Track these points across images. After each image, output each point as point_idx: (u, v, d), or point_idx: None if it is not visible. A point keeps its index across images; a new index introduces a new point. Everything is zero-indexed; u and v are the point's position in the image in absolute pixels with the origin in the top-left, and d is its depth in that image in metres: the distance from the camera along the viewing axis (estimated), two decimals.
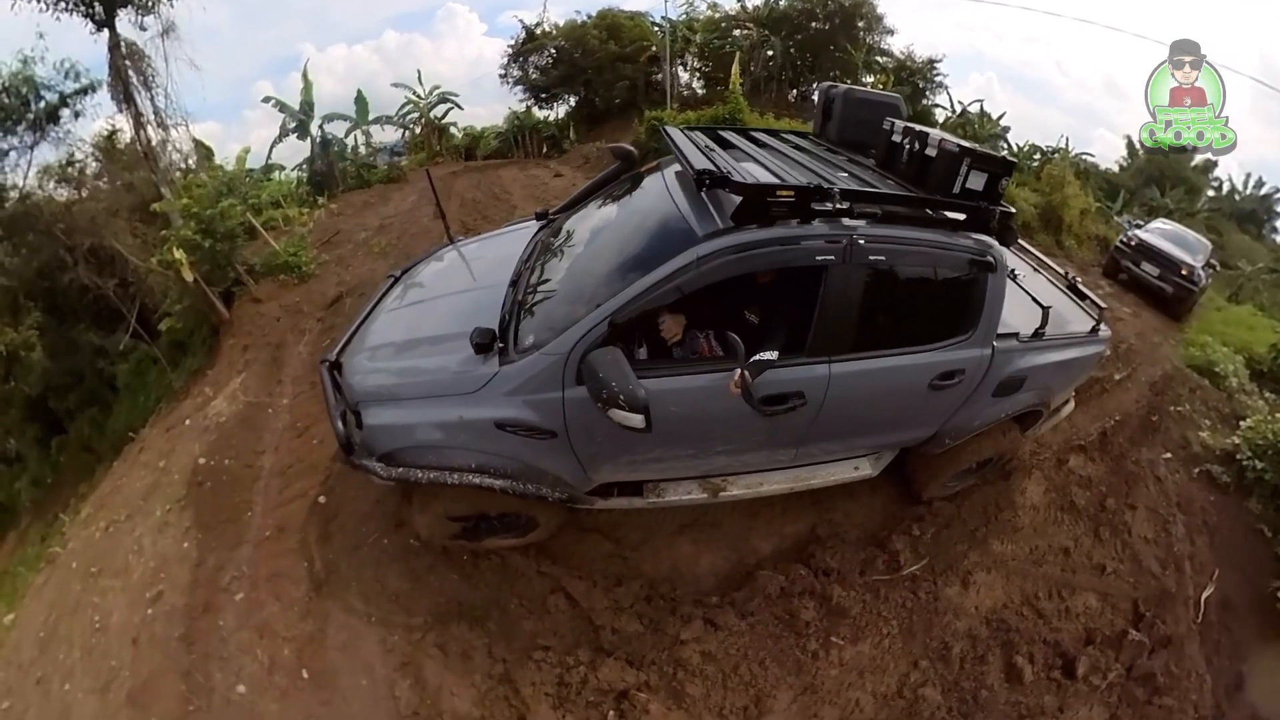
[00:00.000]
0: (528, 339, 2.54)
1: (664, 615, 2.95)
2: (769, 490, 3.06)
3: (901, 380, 2.73)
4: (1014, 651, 3.20)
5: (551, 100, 17.06)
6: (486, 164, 13.04)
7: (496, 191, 9.04)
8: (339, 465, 3.62)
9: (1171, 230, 8.60)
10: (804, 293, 2.49)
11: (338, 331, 5.24)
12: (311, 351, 4.99)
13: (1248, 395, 5.50)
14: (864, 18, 15.69)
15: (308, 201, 9.67)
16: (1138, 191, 18.53)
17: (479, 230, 6.85)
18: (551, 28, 17.43)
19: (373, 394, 2.66)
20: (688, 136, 3.06)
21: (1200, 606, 3.75)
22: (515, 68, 17.32)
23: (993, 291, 2.68)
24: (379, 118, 15.55)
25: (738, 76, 9.48)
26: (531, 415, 2.46)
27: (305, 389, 4.53)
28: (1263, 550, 4.03)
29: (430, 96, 16.33)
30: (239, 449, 4.08)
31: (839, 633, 3.02)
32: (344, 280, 6.15)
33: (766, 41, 15.63)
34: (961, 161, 2.52)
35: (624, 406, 2.08)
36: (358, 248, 7.16)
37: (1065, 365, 3.16)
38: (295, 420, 4.23)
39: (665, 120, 9.44)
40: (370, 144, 14.87)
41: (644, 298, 2.33)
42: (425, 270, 3.68)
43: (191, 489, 3.81)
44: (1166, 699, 3.30)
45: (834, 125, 3.46)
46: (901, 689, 2.97)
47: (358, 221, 8.34)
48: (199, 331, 6.63)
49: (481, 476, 2.51)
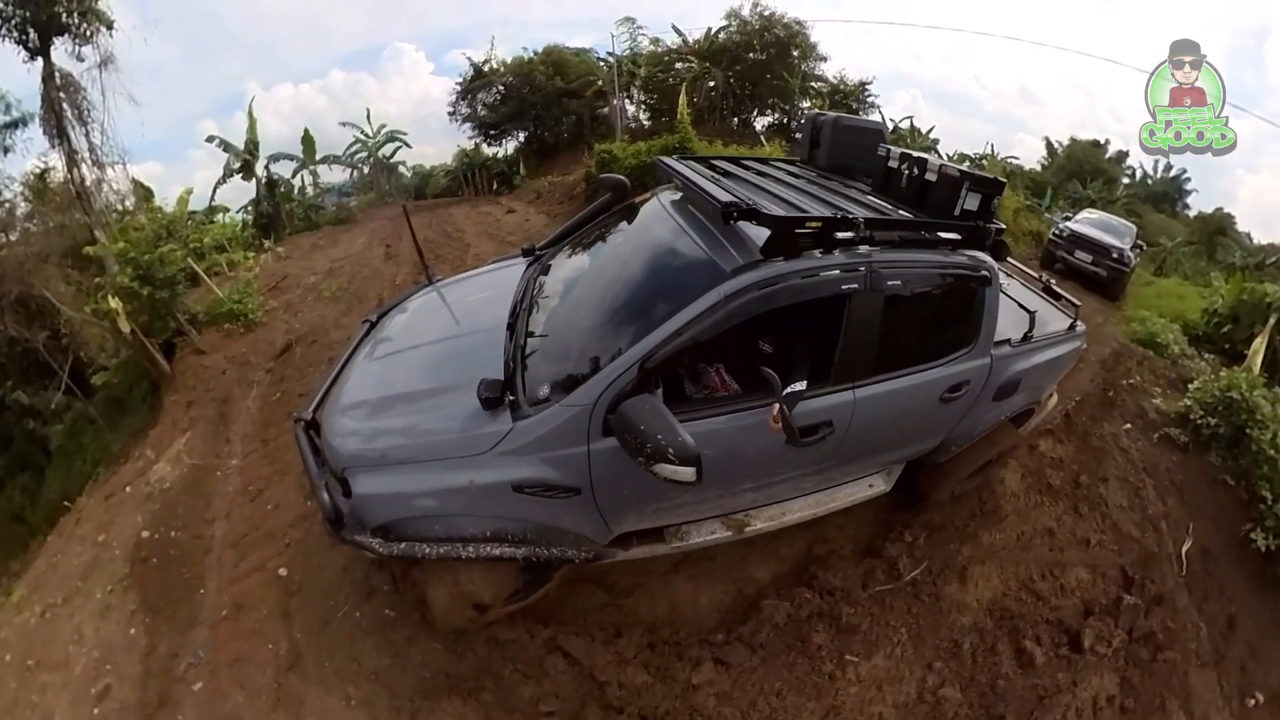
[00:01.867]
0: (541, 389, 2.33)
1: (671, 661, 2.80)
2: (792, 520, 2.98)
3: (917, 398, 2.75)
4: (1021, 637, 3.25)
5: (500, 137, 17.19)
6: (437, 202, 12.96)
7: (449, 230, 8.93)
8: (299, 533, 3.37)
9: (1098, 218, 9.32)
10: (822, 321, 2.46)
11: (289, 384, 5.00)
12: (261, 406, 4.71)
13: (1190, 359, 5.86)
14: (798, 47, 16.47)
15: (254, 245, 9.31)
16: (1061, 186, 20.07)
17: (437, 271, 6.73)
18: (499, 65, 17.65)
19: (361, 458, 2.36)
20: (689, 166, 2.96)
21: (1183, 561, 3.93)
22: (464, 105, 17.45)
23: (989, 304, 2.77)
24: (326, 157, 15.36)
25: (684, 107, 9.72)
26: (553, 473, 2.25)
27: (256, 447, 4.24)
28: (1229, 498, 4.26)
29: (378, 135, 16.27)
30: (186, 518, 3.75)
31: (853, 650, 2.97)
32: (293, 328, 5.88)
33: (708, 73, 16.18)
34: (962, 185, 2.60)
35: (673, 461, 1.92)
36: (307, 293, 6.89)
37: (1052, 363, 3.28)
38: (247, 483, 3.93)
39: (614, 152, 9.58)
40: (318, 185, 14.59)
41: (675, 339, 2.20)
42: (405, 314, 3.40)
43: (135, 566, 3.46)
44: (1169, 653, 3.42)
45: (823, 152, 3.50)
46: (921, 694, 2.95)
47: (306, 265, 8.09)
48: (138, 387, 6.17)
49: (499, 545, 2.28)
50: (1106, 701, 3.17)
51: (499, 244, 7.88)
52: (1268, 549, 3.96)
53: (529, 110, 16.40)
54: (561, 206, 10.29)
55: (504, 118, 16.72)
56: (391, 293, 6.24)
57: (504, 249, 7.43)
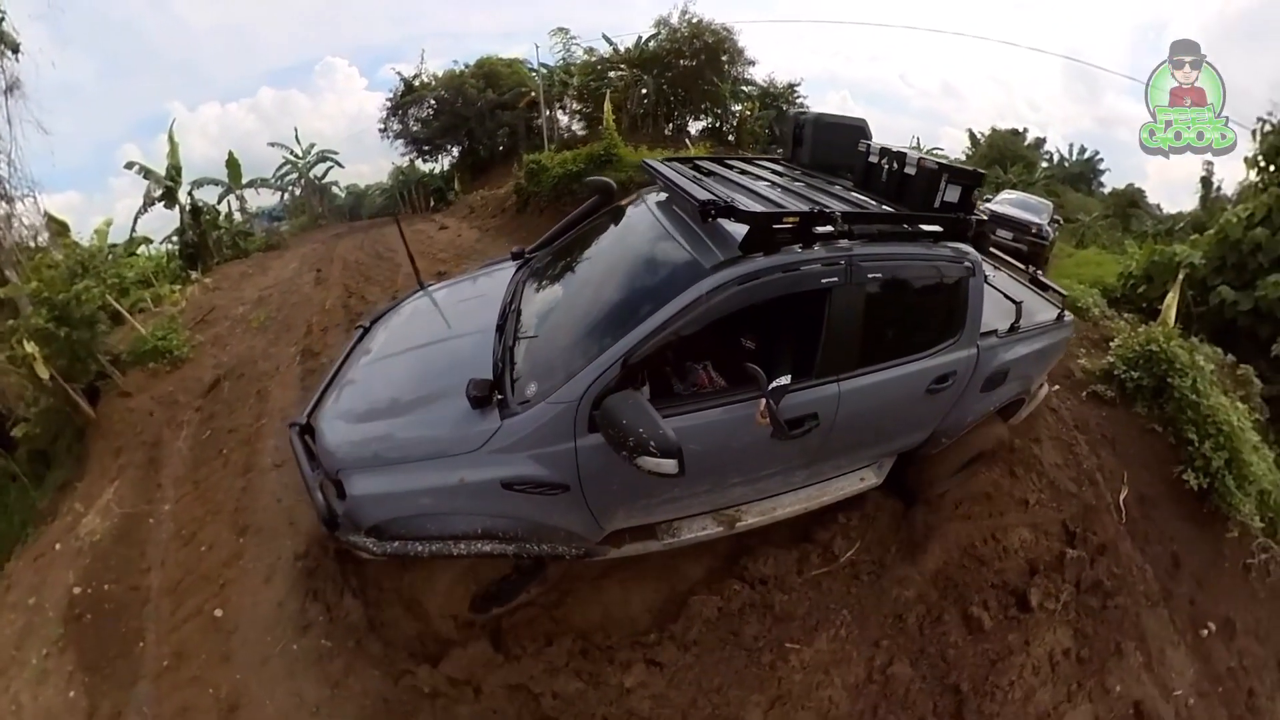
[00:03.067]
0: (528, 388, 2.38)
1: (603, 667, 2.81)
2: (783, 514, 3.02)
3: (903, 389, 2.79)
4: (968, 604, 3.31)
5: (435, 152, 17.03)
6: (372, 223, 12.75)
7: (380, 251, 8.86)
8: (233, 572, 3.40)
9: (1016, 198, 10.19)
10: (804, 315, 2.50)
11: (218, 420, 4.96)
12: (191, 446, 4.64)
13: (1110, 320, 6.19)
14: (726, 52, 16.87)
15: (180, 277, 9.00)
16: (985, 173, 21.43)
17: (362, 295, 6.71)
18: (430, 79, 17.49)
19: (356, 460, 2.41)
20: (672, 167, 3.02)
21: (1121, 509, 4.11)
22: (395, 121, 17.23)
23: (974, 295, 2.82)
24: (253, 181, 14.85)
25: (610, 114, 9.91)
26: (541, 470, 2.30)
27: (188, 490, 4.21)
28: (1159, 444, 4.50)
29: (309, 156, 15.88)
30: (120, 570, 3.69)
31: (792, 637, 3.01)
32: (221, 362, 5.75)
33: (640, 81, 16.44)
34: (940, 177, 2.64)
35: (655, 453, 1.95)
36: (235, 324, 6.72)
37: (1041, 353, 3.34)
38: (180, 527, 3.89)
39: (543, 163, 9.73)
40: (245, 210, 14.12)
41: (656, 335, 2.25)
42: (398, 319, 3.44)
43: (70, 625, 3.39)
44: (1118, 599, 3.58)
45: (805, 150, 3.52)
46: (870, 673, 2.99)
47: (234, 295, 7.86)
48: (63, 437, 5.89)
49: (490, 543, 2.33)
50: (1062, 655, 3.30)
51: (430, 261, 7.87)
52: (1200, 486, 4.23)
53: (462, 124, 16.33)
54: (494, 220, 10.30)
55: (436, 133, 16.63)
56: (321, 319, 6.24)
57: (435, 266, 7.52)
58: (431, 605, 2.79)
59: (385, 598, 2.99)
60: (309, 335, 5.91)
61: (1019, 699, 3.08)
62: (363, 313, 5.85)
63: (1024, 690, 3.11)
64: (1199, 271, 7.27)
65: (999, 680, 3.08)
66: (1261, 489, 4.44)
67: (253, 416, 4.78)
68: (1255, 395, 5.48)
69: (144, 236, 12.51)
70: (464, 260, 7.78)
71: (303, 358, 5.47)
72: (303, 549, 3.37)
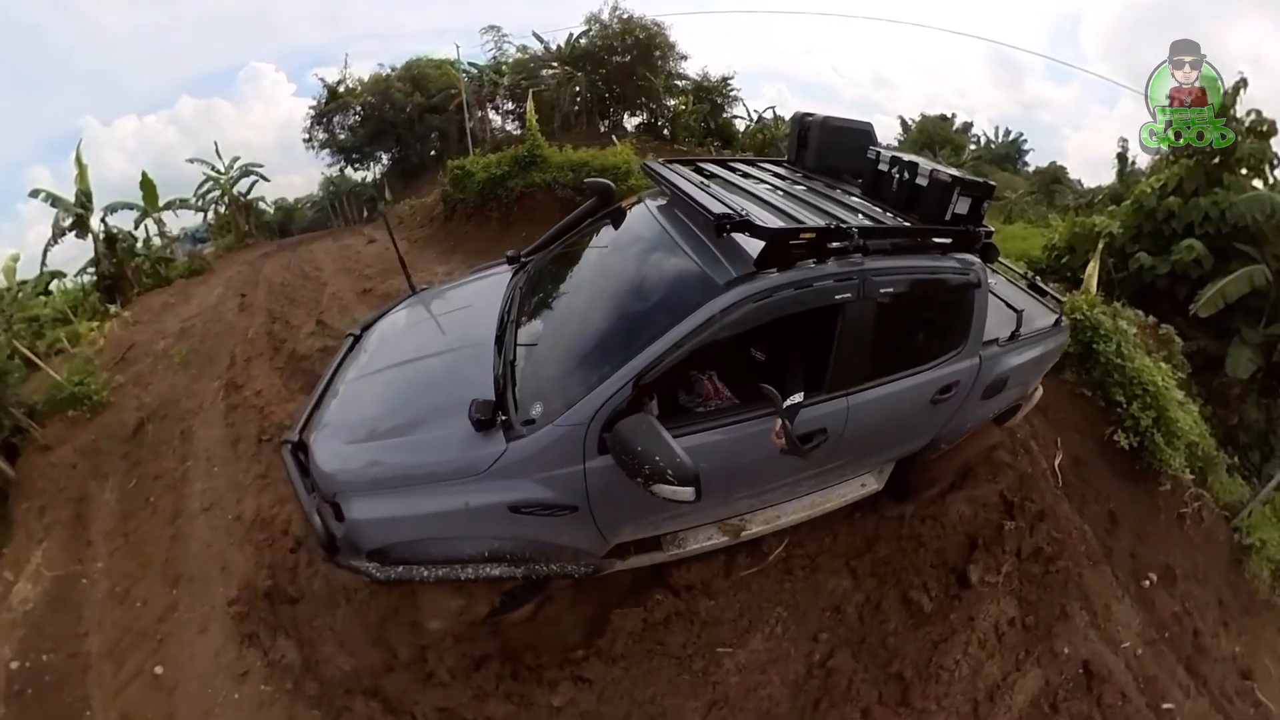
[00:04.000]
0: (533, 409, 2.31)
1: (532, 688, 2.83)
2: (786, 521, 3.01)
3: (909, 401, 2.78)
4: (907, 588, 3.34)
5: (365, 160, 16.59)
6: (301, 239, 12.27)
7: (306, 270, 8.54)
8: (169, 625, 3.41)
9: None
10: (817, 330, 2.46)
11: (144, 466, 4.85)
12: (119, 497, 4.55)
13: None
14: (658, 48, 16.87)
15: (99, 312, 8.60)
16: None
17: (286, 320, 6.54)
18: (355, 84, 16.99)
19: (354, 483, 2.33)
20: (676, 171, 2.94)
21: (1057, 474, 4.23)
22: (320, 130, 16.69)
23: (979, 306, 2.80)
24: (172, 201, 14.05)
25: (533, 114, 9.83)
26: (549, 493, 2.25)
27: (120, 544, 4.14)
28: (1089, 408, 4.65)
29: (232, 170, 15.12)
30: (57, 638, 3.59)
31: (723, 641, 3.02)
32: (144, 403, 5.54)
33: (572, 79, 16.37)
34: (954, 190, 2.60)
35: (672, 481, 1.91)
36: (157, 360, 6.44)
37: (1039, 360, 3.31)
38: (114, 585, 3.84)
39: (467, 167, 9.45)
40: (165, 233, 13.41)
41: (670, 355, 2.19)
42: (391, 328, 3.32)
43: (11, 704, 3.28)
44: (1060, 562, 3.67)
45: (811, 153, 3.46)
46: (810, 668, 3.01)
47: (156, 329, 7.52)
48: None
49: (498, 566, 2.27)
50: (1008, 625, 3.36)
51: (356, 279, 7.71)
52: (1131, 445, 4.44)
53: (390, 130, 15.95)
54: (423, 230, 10.06)
55: (364, 140, 16.18)
56: (244, 349, 6.09)
57: (361, 284, 7.37)
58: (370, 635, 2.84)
59: (319, 635, 3.07)
60: (232, 368, 5.77)
61: (966, 676, 3.14)
62: (298, 338, 5.79)
63: (971, 666, 3.18)
64: (1118, 240, 7.76)
65: (943, 661, 3.12)
66: (1189, 442, 4.74)
67: (178, 460, 4.72)
68: (1177, 353, 5.86)
69: (54, 271, 11.80)
70: (393, 276, 7.59)
71: (226, 392, 5.37)
72: (234, 594, 3.40)
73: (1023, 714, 3.17)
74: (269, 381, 5.31)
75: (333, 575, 3.22)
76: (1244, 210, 6.85)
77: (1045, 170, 24.60)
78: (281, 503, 3.87)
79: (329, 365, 3.14)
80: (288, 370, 5.43)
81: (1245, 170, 7.37)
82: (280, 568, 3.44)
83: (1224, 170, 7.25)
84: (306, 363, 5.37)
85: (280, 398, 4.97)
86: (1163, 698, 3.61)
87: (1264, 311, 6.88)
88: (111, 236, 11.79)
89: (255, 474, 4.25)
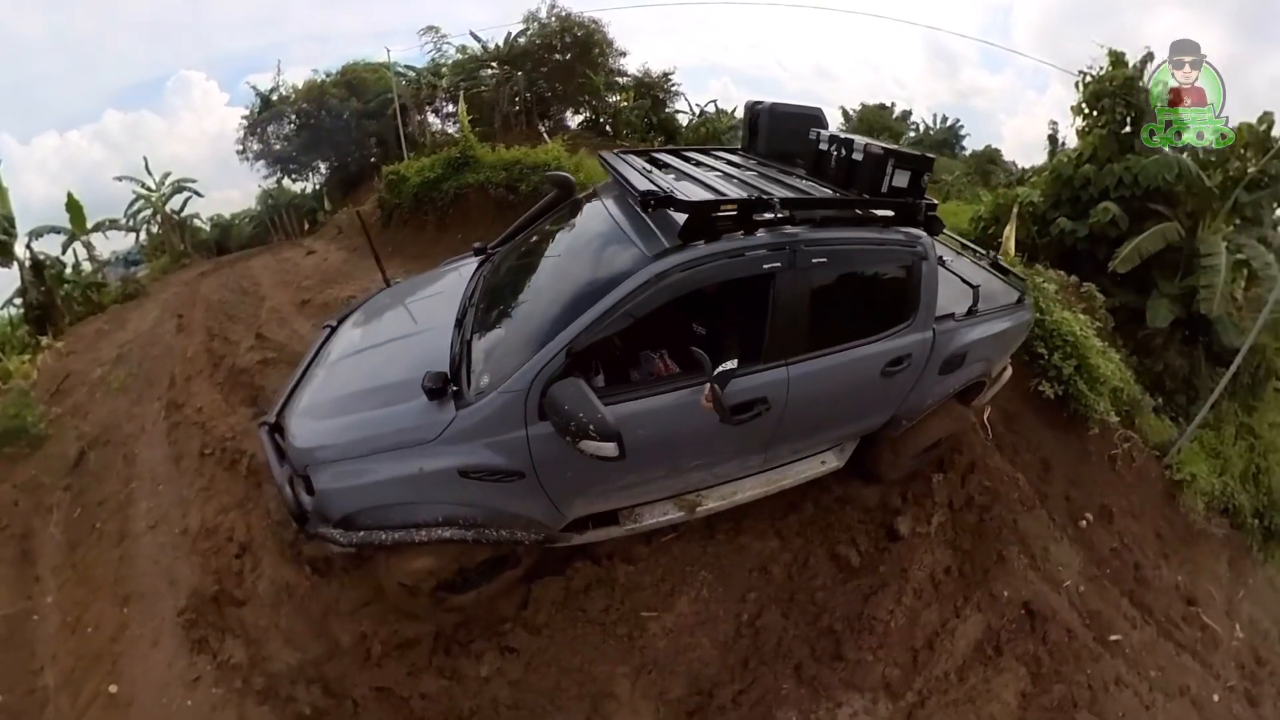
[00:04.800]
0: (483, 379, 2.47)
1: (461, 661, 2.92)
2: (744, 498, 3.11)
3: (855, 373, 2.85)
4: (835, 544, 3.41)
5: (303, 170, 16.27)
6: (239, 256, 11.98)
7: (245, 286, 8.45)
8: (120, 645, 3.46)
9: None
10: (752, 300, 2.56)
11: (89, 495, 4.84)
12: (65, 530, 4.51)
13: None
14: (597, 44, 17.07)
15: (29, 345, 8.33)
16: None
17: (225, 336, 6.52)
18: (289, 91, 16.63)
19: (321, 455, 2.48)
20: (624, 160, 3.07)
21: (987, 427, 4.41)
22: (255, 140, 16.32)
23: (927, 278, 2.87)
24: (101, 223, 13.56)
25: (465, 115, 9.88)
26: (495, 458, 2.40)
27: (69, 576, 4.10)
28: (1013, 363, 4.23)
29: (164, 187, 14.63)
30: (11, 678, 3.53)
31: (647, 606, 3.10)
32: (83, 432, 5.49)
33: (511, 78, 16.36)
34: (886, 162, 2.68)
35: (595, 437, 2.04)
36: (94, 389, 6.35)
37: (1000, 336, 3.39)
38: (66, 615, 3.80)
39: (402, 172, 9.49)
40: (95, 257, 12.92)
41: (600, 324, 2.32)
42: (363, 318, 3.50)
43: None
44: (995, 510, 3.79)
45: (761, 139, 3.56)
46: (739, 628, 3.08)
47: (91, 357, 7.34)
48: None
49: (450, 529, 2.42)
50: (944, 573, 3.45)
51: (295, 291, 7.68)
52: (1056, 394, 4.65)
53: (327, 138, 15.70)
54: (361, 239, 9.69)
55: (300, 149, 15.88)
56: (184, 369, 6.07)
57: (299, 296, 7.38)
58: None
59: (265, 634, 3.18)
60: (173, 388, 5.75)
61: (903, 625, 3.25)
62: (238, 354, 5.79)
63: (907, 616, 3.29)
64: (1039, 208, 8.22)
65: (875, 612, 3.22)
66: (1113, 387, 5.03)
67: (122, 483, 4.73)
68: (1099, 308, 6.22)
69: None
70: (331, 286, 7.58)
71: (168, 412, 5.37)
72: (183, 604, 3.47)
73: (965, 658, 3.30)
74: (210, 398, 5.34)
75: (276, 574, 3.37)
76: (1154, 173, 7.26)
77: (981, 153, 25.94)
78: (225, 511, 3.96)
79: (305, 355, 3.29)
80: (228, 385, 5.46)
81: None
82: (226, 572, 3.54)
83: (1135, 138, 7.69)
84: (246, 376, 5.41)
85: (221, 412, 5.02)
86: (1109, 630, 3.77)
87: (1179, 265, 7.30)
88: (39, 263, 11.27)
89: (199, 487, 4.30)
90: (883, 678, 3.12)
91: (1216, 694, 4.06)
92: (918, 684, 3.15)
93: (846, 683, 3.07)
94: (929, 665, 3.22)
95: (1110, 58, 7.95)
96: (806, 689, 3.03)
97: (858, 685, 3.07)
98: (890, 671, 3.15)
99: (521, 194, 8.15)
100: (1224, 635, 4.45)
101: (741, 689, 2.97)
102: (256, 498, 4.01)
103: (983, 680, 3.26)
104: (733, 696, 2.95)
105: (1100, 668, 3.58)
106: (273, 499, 3.89)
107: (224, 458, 4.46)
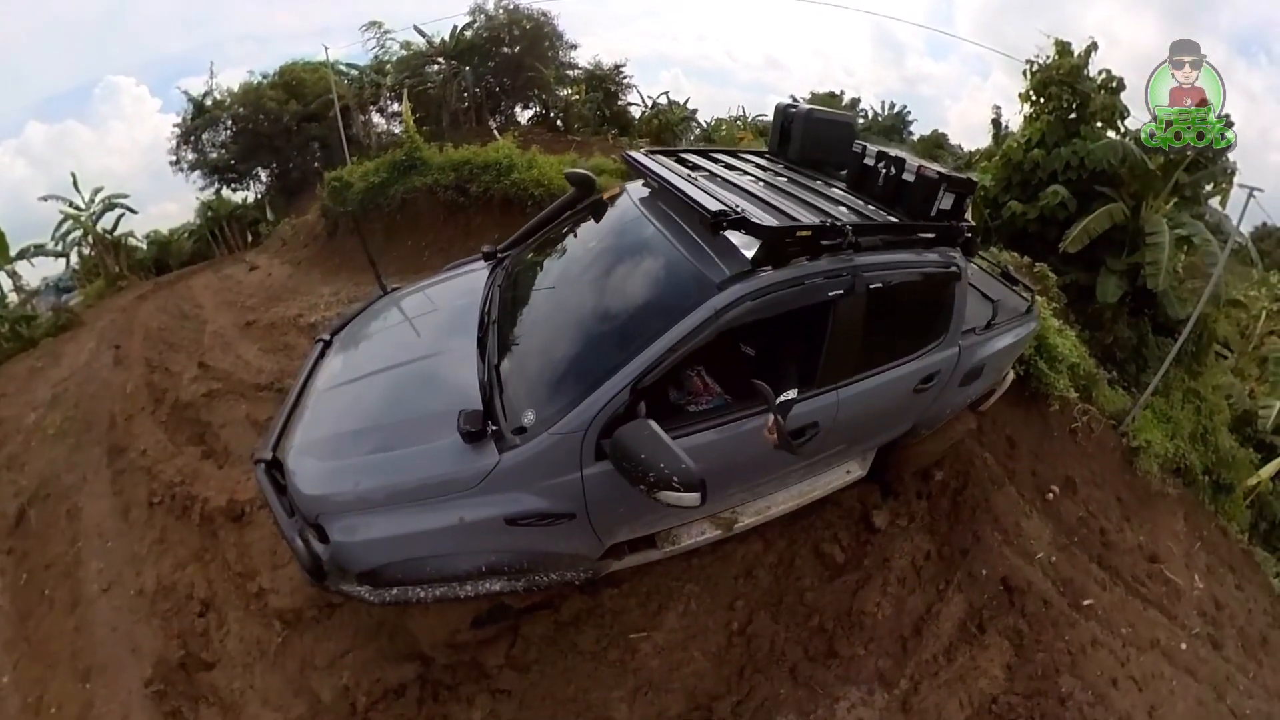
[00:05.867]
0: (524, 416, 2.24)
1: (451, 707, 2.83)
2: (777, 511, 3.05)
3: (894, 391, 2.85)
4: (818, 542, 3.43)
5: (243, 179, 15.52)
6: (180, 275, 11.32)
7: (185, 309, 7.99)
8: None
9: None
10: (809, 326, 2.49)
11: (34, 557, 4.48)
12: (13, 598, 4.18)
13: None
14: (547, 37, 16.63)
15: None
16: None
17: (166, 367, 6.13)
18: (224, 95, 15.77)
19: (337, 502, 2.21)
20: (660, 164, 2.87)
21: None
22: (189, 149, 15.46)
23: (959, 297, 2.90)
24: (26, 249, 12.54)
25: (409, 114, 9.52)
26: (545, 502, 2.20)
27: (23, 650, 3.79)
28: None
29: (94, 205, 13.48)
30: None
31: (635, 628, 3.06)
32: (22, 487, 5.08)
33: (459, 74, 15.84)
34: (940, 186, 2.66)
35: (677, 488, 1.90)
36: (29, 436, 5.86)
37: (1011, 347, 3.45)
38: (25, 695, 3.51)
39: (345, 178, 9.03)
40: (22, 287, 12.01)
41: (668, 357, 2.16)
42: (364, 332, 3.15)
43: None
44: (966, 492, 3.91)
45: (794, 145, 3.48)
46: (731, 637, 3.05)
47: (25, 400, 6.80)
48: None
49: (498, 580, 2.23)
50: (925, 559, 3.51)
51: (238, 311, 7.33)
52: (1017, 374, 4.54)
53: (266, 144, 14.96)
54: (306, 250, 9.55)
55: (238, 157, 15.09)
56: (124, 407, 5.64)
57: (244, 316, 7.04)
58: None
59: (241, 697, 3.02)
60: (113, 429, 5.36)
61: (890, 615, 3.27)
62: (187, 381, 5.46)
63: (894, 605, 3.31)
64: (990, 192, 8.53)
65: (863, 606, 3.23)
66: (1071, 364, 5.18)
67: (68, 542, 4.39)
68: (1053, 287, 6.55)
69: None
70: (276, 304, 7.21)
71: (110, 458, 5.00)
72: (149, 673, 3.25)
73: (952, 639, 3.35)
74: (154, 438, 5.00)
75: (244, 631, 3.18)
76: (1101, 156, 7.66)
77: (928, 138, 26.61)
78: (181, 566, 3.72)
79: (298, 375, 2.94)
80: (172, 423, 5.13)
81: (1099, 123, 8.21)
82: (191, 634, 3.33)
83: (1081, 123, 8.08)
84: (191, 411, 5.10)
85: (167, 454, 4.71)
86: (1082, 595, 3.90)
87: (1124, 243, 7.73)
88: None
89: (151, 540, 4.03)
90: (876, 669, 3.15)
91: (1184, 642, 4.24)
92: (909, 670, 3.19)
93: (842, 678, 3.09)
94: (918, 651, 3.26)
95: (1057, 47, 8.24)
96: (804, 690, 3.03)
97: (853, 680, 3.09)
98: (882, 662, 3.18)
99: (472, 196, 7.89)
100: (1185, 586, 4.66)
101: (740, 699, 2.95)
102: (213, 548, 3.76)
103: (970, 658, 3.33)
104: (732, 708, 2.92)
105: (1077, 632, 3.69)
106: (231, 548, 3.68)
107: (174, 505, 4.17)
